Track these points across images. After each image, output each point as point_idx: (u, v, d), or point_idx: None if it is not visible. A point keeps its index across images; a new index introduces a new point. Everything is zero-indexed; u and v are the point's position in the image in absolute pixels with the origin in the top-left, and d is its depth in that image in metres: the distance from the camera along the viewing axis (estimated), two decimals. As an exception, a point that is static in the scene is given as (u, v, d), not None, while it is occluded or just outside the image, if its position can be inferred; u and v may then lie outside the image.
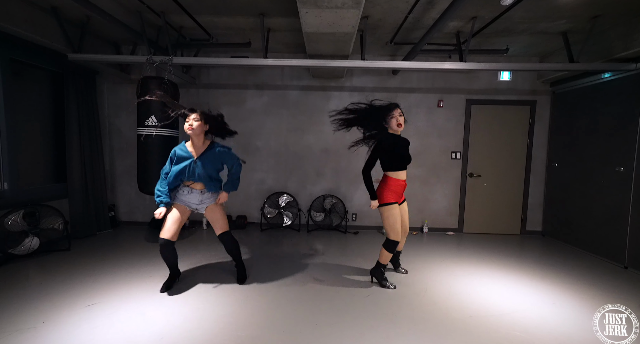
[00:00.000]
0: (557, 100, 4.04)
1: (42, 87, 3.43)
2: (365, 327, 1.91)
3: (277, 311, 2.07)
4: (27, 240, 2.80)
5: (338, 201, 4.16)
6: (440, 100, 4.20)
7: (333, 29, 2.52)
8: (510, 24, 3.09)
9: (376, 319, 2.00)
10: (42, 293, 2.21)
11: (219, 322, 1.92)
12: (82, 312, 1.98)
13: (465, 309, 2.17)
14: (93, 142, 3.77)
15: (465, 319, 2.04)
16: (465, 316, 2.06)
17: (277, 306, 2.13)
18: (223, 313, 2.02)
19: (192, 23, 3.21)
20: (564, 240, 3.88)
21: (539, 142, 4.18)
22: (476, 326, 1.95)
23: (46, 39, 2.99)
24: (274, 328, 1.88)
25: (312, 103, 4.26)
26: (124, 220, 4.33)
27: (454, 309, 2.15)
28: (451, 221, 4.31)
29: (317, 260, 3.06)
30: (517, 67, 3.24)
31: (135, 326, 1.85)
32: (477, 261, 3.13)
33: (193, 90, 4.24)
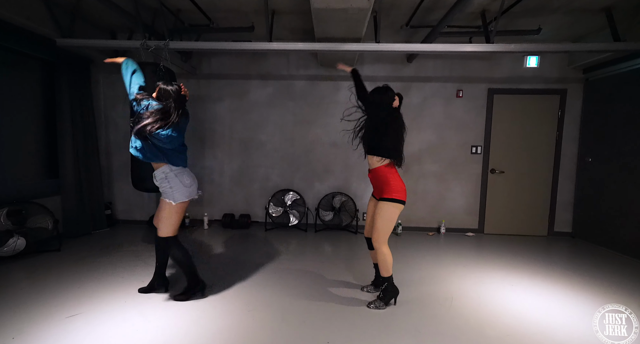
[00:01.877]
0: (591, 88, 3.66)
1: (32, 77, 3.20)
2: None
3: (283, 325, 1.79)
4: (12, 240, 2.58)
5: (348, 200, 3.87)
6: (459, 90, 3.86)
7: (346, 3, 2.22)
8: (544, 1, 2.74)
9: (398, 336, 1.71)
10: (20, 301, 1.97)
11: (222, 334, 1.66)
12: (61, 324, 1.73)
13: (501, 324, 1.86)
14: (88, 135, 3.55)
15: (503, 337, 1.73)
16: (502, 334, 1.76)
17: (282, 320, 1.86)
18: (224, 325, 1.76)
19: (190, 5, 2.95)
20: (597, 241, 3.53)
21: (569, 135, 3.81)
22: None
23: (32, 23, 2.76)
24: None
25: (319, 94, 3.97)
26: (122, 219, 4.12)
27: (487, 325, 1.85)
28: (470, 221, 3.98)
29: (327, 264, 2.77)
30: (553, 49, 2.89)
31: (124, 340, 1.59)
32: (503, 266, 2.82)
33: (193, 81, 3.98)
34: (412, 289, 2.26)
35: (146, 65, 2.83)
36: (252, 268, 2.59)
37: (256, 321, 1.83)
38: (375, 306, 1.98)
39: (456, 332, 1.77)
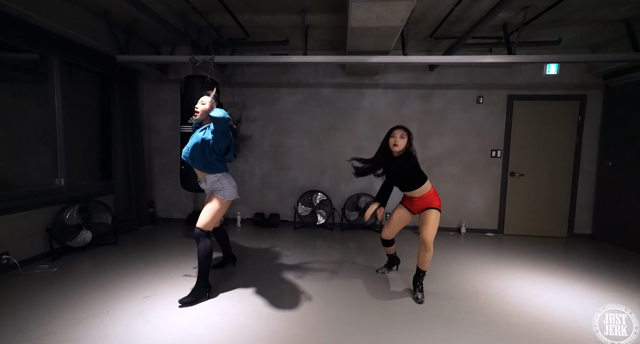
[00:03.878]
0: (611, 94, 3.77)
1: (92, 88, 3.59)
2: (421, 329, 1.85)
3: (327, 311, 2.04)
4: (82, 233, 2.93)
5: (372, 200, 4.09)
6: (480, 96, 4.04)
7: (380, 23, 2.47)
8: (565, 13, 2.91)
9: (432, 322, 1.93)
10: (100, 284, 2.30)
11: (271, 319, 1.92)
12: (140, 303, 2.04)
13: (525, 314, 2.05)
14: (135, 140, 3.91)
15: (528, 324, 1.93)
16: (528, 322, 1.95)
17: (327, 305, 2.11)
18: (269, 312, 2.02)
19: (232, 22, 3.25)
20: (616, 243, 3.62)
21: (589, 140, 3.92)
22: (541, 332, 1.84)
23: (97, 42, 3.13)
24: (327, 328, 1.85)
25: (345, 101, 4.22)
26: (162, 217, 4.47)
27: (513, 314, 2.04)
28: (490, 222, 4.13)
29: (360, 260, 3.01)
30: (574, 59, 3.04)
31: (191, 318, 1.88)
32: (524, 264, 2.98)
33: (227, 89, 4.30)
34: (438, 283, 2.47)
35: (194, 78, 3.16)
36: (280, 266, 2.85)
37: (302, 304, 2.09)
38: (417, 298, 2.18)
39: (485, 319, 1.97)
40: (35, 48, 2.78)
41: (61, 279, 2.40)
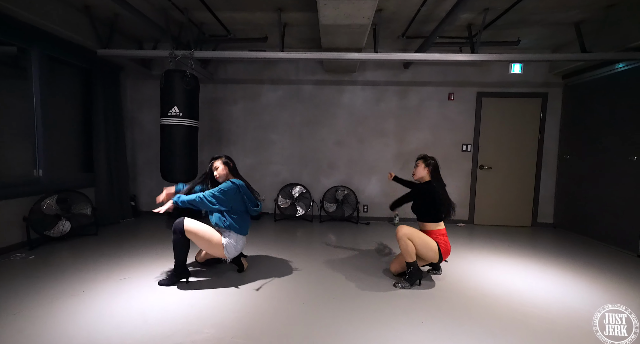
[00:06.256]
0: (570, 92, 4.05)
1: (73, 82, 3.63)
2: (383, 315, 2.00)
3: (316, 305, 2.17)
4: (60, 223, 2.98)
5: (350, 193, 4.26)
6: (451, 93, 4.26)
7: (349, 20, 2.63)
8: (524, 15, 3.14)
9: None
10: (78, 270, 2.37)
11: (243, 295, 2.04)
12: (116, 285, 2.13)
13: (496, 298, 2.24)
14: (117, 134, 3.96)
15: (493, 305, 2.11)
16: (491, 303, 2.13)
17: (316, 297, 2.24)
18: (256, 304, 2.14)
19: (212, 19, 3.36)
20: (576, 230, 3.89)
21: (551, 134, 4.20)
22: (504, 313, 2.01)
23: (79, 36, 3.19)
24: (313, 324, 1.77)
25: (325, 97, 4.37)
26: (144, 210, 4.52)
27: (473, 290, 2.22)
28: (462, 212, 4.35)
29: (338, 250, 3.16)
30: (529, 58, 3.28)
31: (170, 299, 1.98)
32: (492, 251, 3.18)
33: (210, 86, 4.40)
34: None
35: (174, 72, 3.25)
36: (264, 258, 2.97)
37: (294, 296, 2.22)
38: (401, 286, 2.23)
39: (449, 304, 2.14)
40: (13, 40, 2.81)
41: (38, 265, 2.45)
